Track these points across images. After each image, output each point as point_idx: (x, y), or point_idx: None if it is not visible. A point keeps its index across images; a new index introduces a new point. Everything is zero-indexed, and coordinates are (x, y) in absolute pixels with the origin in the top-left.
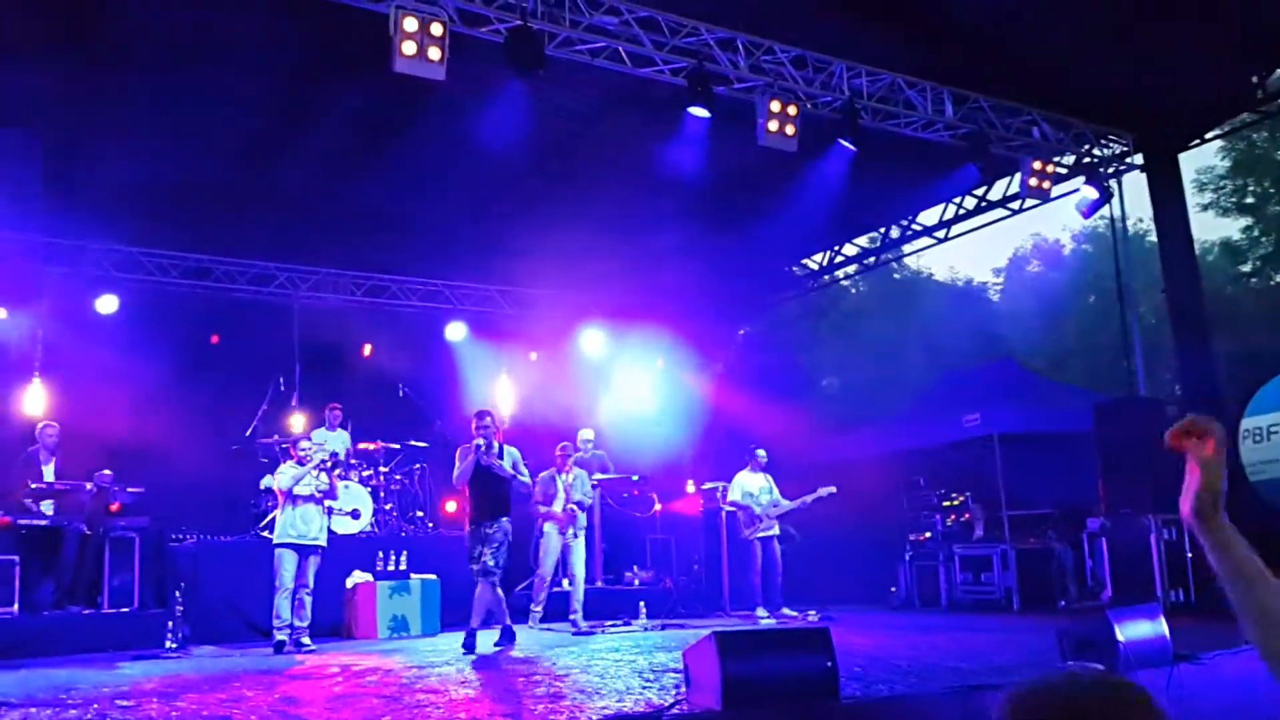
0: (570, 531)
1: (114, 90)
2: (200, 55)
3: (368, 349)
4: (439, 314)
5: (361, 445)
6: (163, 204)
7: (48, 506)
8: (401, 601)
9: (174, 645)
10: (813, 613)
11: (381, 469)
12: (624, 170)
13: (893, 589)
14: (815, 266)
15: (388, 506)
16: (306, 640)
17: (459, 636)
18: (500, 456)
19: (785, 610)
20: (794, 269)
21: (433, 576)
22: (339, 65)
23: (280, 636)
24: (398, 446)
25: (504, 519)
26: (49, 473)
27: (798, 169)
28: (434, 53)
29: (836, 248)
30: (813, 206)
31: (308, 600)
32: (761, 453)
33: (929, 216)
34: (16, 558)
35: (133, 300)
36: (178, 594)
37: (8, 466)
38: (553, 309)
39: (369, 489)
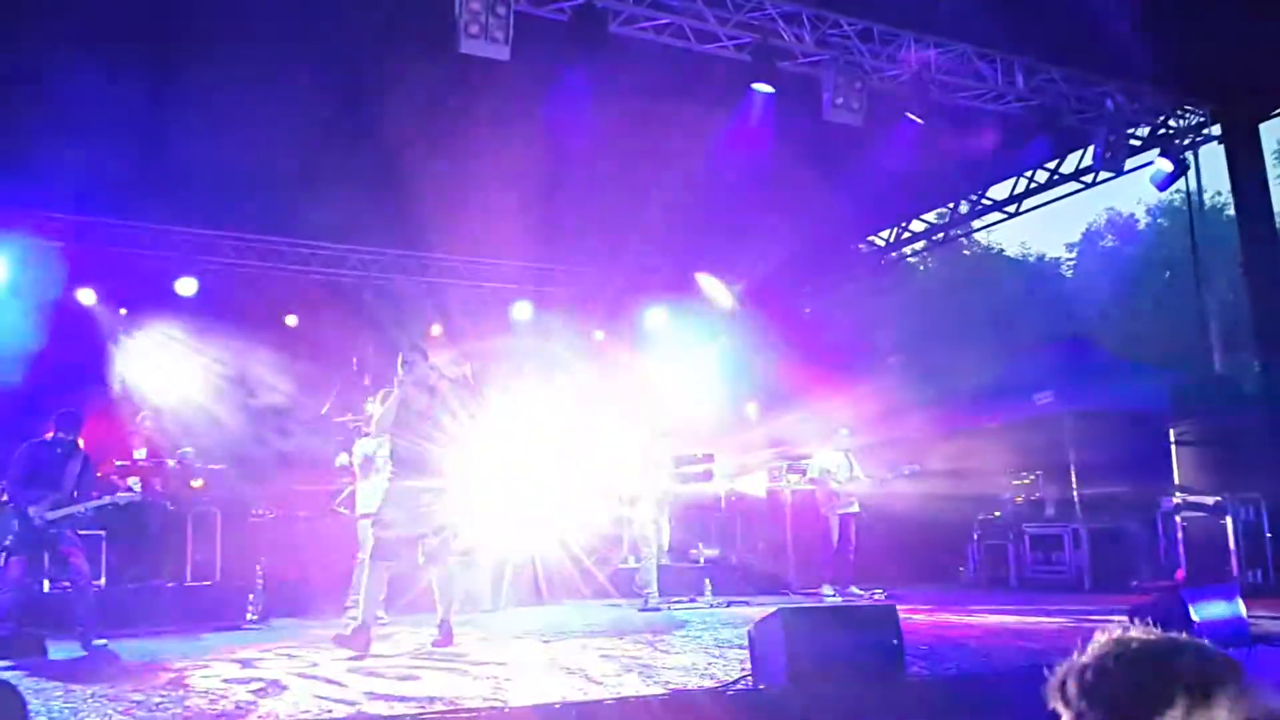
0: (651, 508)
1: (191, 78)
2: (272, 38)
3: (436, 329)
4: (505, 294)
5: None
6: (239, 189)
7: (134, 482)
8: (473, 577)
9: (254, 617)
10: (879, 591)
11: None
12: (687, 148)
13: (960, 568)
14: (882, 243)
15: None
16: (381, 613)
17: (527, 612)
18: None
19: (853, 589)
20: (860, 246)
21: (502, 553)
22: (406, 46)
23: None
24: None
25: (441, 479)
26: (138, 451)
27: (864, 144)
28: (499, 33)
29: (904, 224)
30: (879, 182)
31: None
32: (844, 431)
33: (999, 191)
34: (104, 532)
35: (211, 283)
36: (258, 568)
37: (100, 444)
38: (617, 287)
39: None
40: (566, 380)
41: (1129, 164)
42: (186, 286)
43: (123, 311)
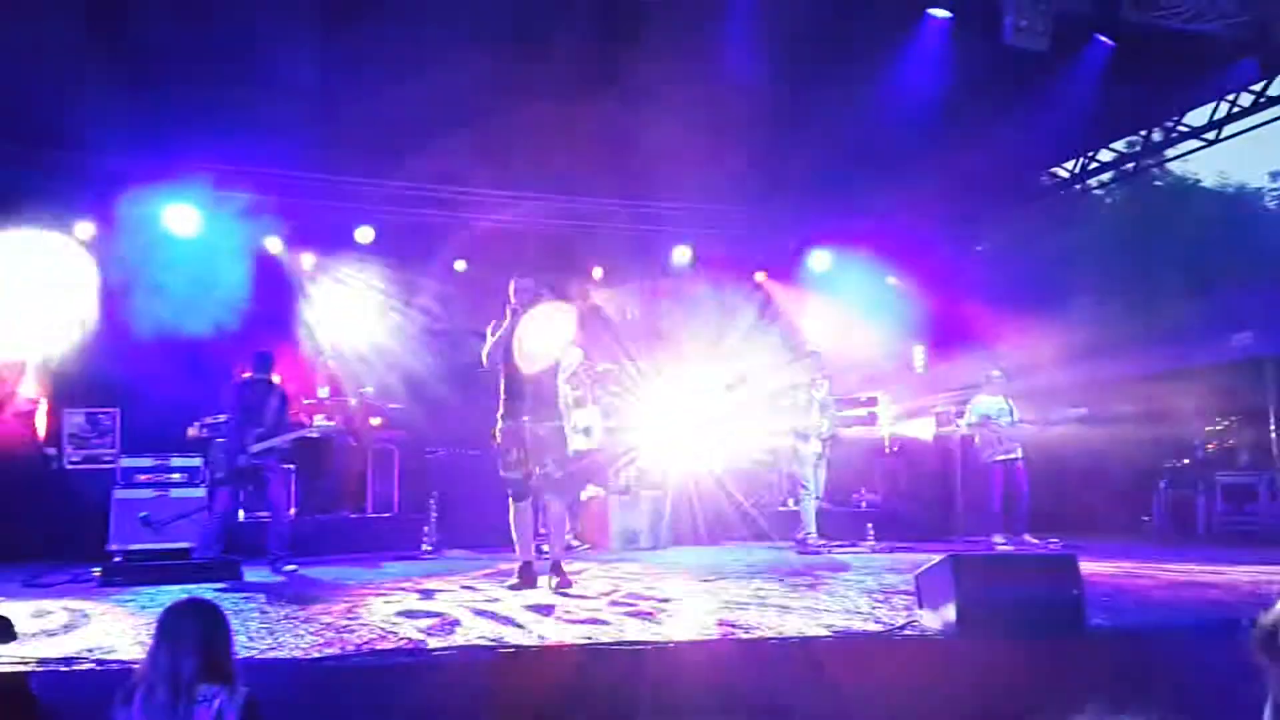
0: (812, 451)
1: (368, 31)
2: None
3: (598, 272)
4: (664, 237)
5: (600, 366)
6: (412, 139)
7: (320, 420)
8: (632, 515)
9: (429, 548)
10: (1055, 540)
11: (612, 389)
12: (856, 80)
13: (1145, 518)
14: (1066, 175)
15: (612, 423)
16: (547, 548)
17: (687, 551)
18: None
19: (1027, 537)
20: (1042, 178)
21: (661, 492)
22: None
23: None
24: (628, 367)
25: (554, 413)
26: (322, 390)
27: (1048, 69)
28: None
29: (1090, 154)
30: (1064, 110)
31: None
32: (997, 373)
33: (1197, 117)
34: (293, 466)
35: (387, 231)
36: (432, 502)
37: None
38: (779, 229)
39: (599, 407)
40: (727, 322)
41: None
42: (365, 235)
43: (308, 258)
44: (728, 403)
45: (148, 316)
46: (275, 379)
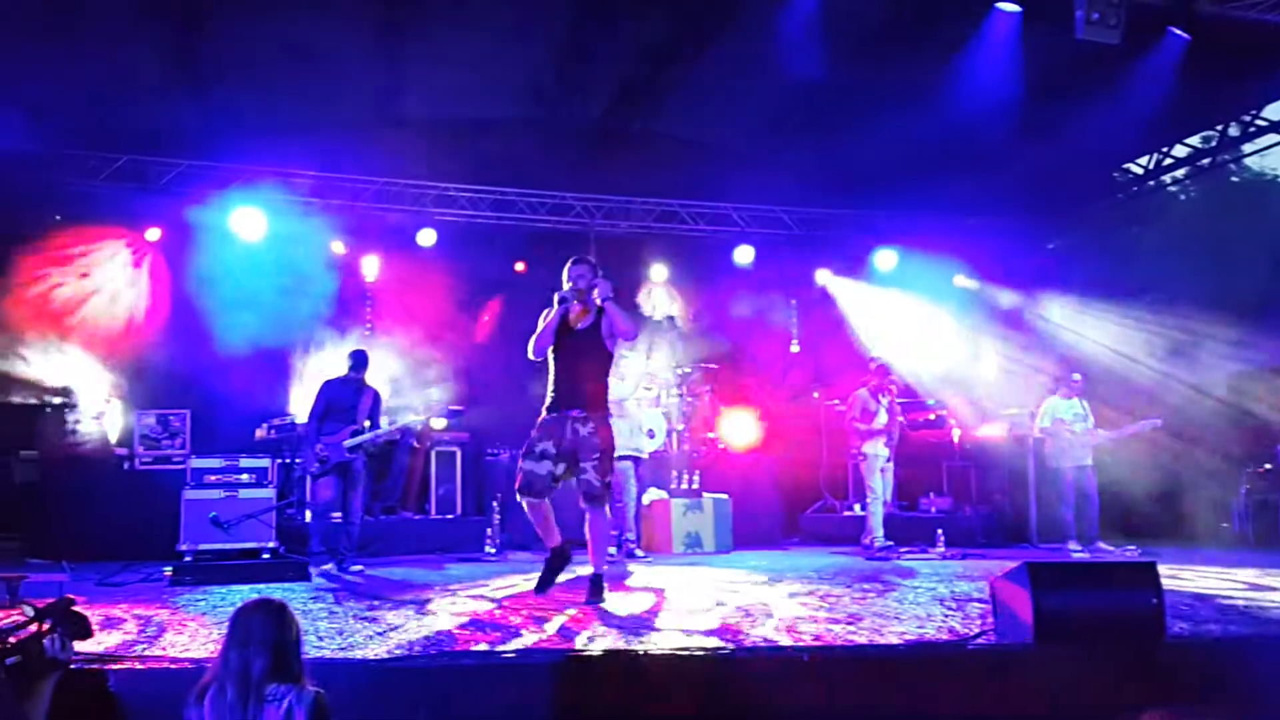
0: (879, 455)
1: (419, 33)
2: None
3: (660, 271)
4: (727, 237)
5: (665, 369)
6: (469, 142)
7: (384, 421)
8: (695, 519)
9: (492, 550)
10: (1132, 547)
11: (675, 391)
12: (921, 78)
13: (1224, 524)
14: (1139, 171)
15: (679, 427)
16: (641, 551)
17: (750, 555)
18: (599, 320)
19: (1101, 544)
20: (1114, 175)
21: (724, 496)
22: None
23: (629, 546)
24: (689, 369)
25: (602, 412)
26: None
27: (1120, 63)
28: None
29: (1165, 149)
30: (1137, 104)
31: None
32: (1077, 376)
33: (1276, 110)
34: None
35: (447, 233)
36: (495, 504)
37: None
38: (843, 229)
39: (662, 410)
40: (793, 323)
41: None
42: (426, 237)
43: (372, 260)
44: (790, 405)
45: (217, 319)
46: (367, 378)
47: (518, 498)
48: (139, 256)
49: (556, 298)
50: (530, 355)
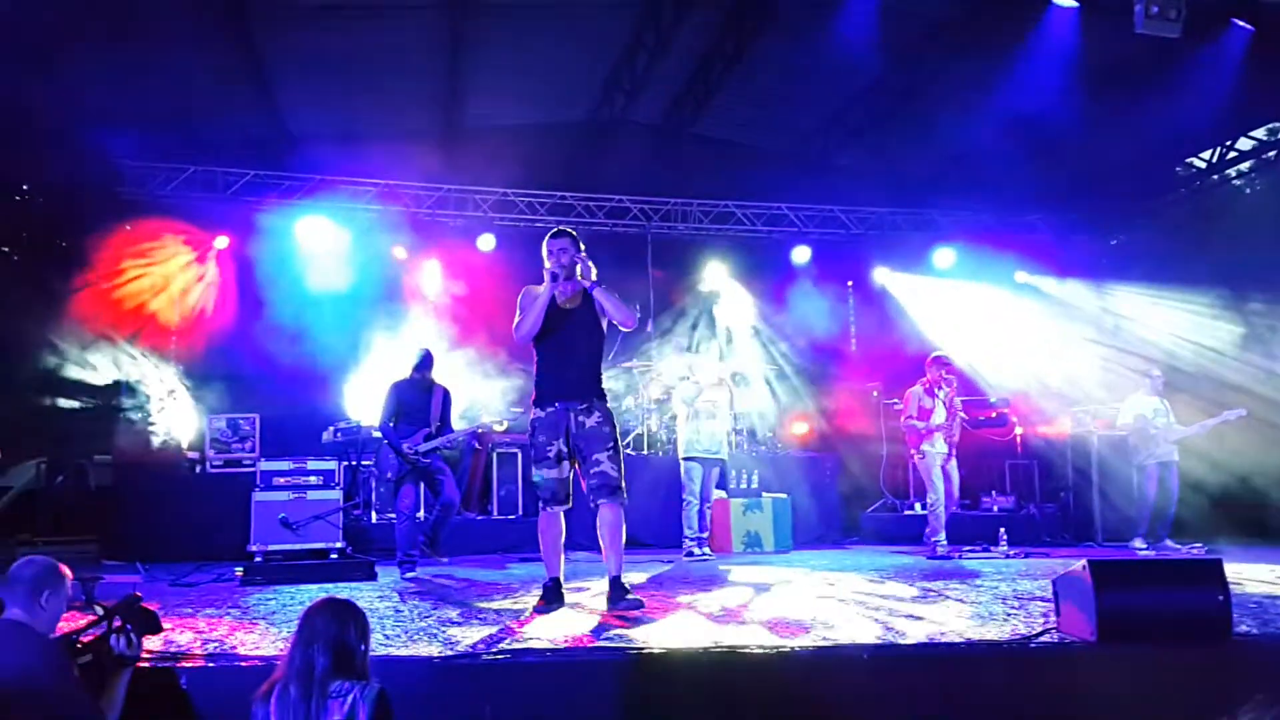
0: (940, 453)
1: (481, 40)
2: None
3: (716, 272)
4: (784, 238)
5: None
6: (530, 147)
7: (455, 420)
8: (755, 518)
9: None
10: (1199, 546)
11: (736, 394)
12: (979, 74)
13: None
14: (1203, 165)
15: (739, 427)
16: (707, 551)
17: (810, 555)
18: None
19: (1169, 542)
20: (1177, 169)
21: (783, 495)
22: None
23: (689, 545)
24: (745, 372)
25: (604, 398)
26: None
27: (1182, 56)
28: None
29: (1229, 143)
30: (1200, 98)
31: (708, 512)
32: (1157, 372)
33: None
34: None
35: (506, 237)
36: None
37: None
38: (900, 228)
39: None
40: (851, 322)
41: None
42: (486, 242)
43: (433, 265)
44: (851, 404)
45: (283, 324)
46: (436, 378)
47: (547, 509)
48: (208, 264)
49: (547, 275)
50: (517, 336)
